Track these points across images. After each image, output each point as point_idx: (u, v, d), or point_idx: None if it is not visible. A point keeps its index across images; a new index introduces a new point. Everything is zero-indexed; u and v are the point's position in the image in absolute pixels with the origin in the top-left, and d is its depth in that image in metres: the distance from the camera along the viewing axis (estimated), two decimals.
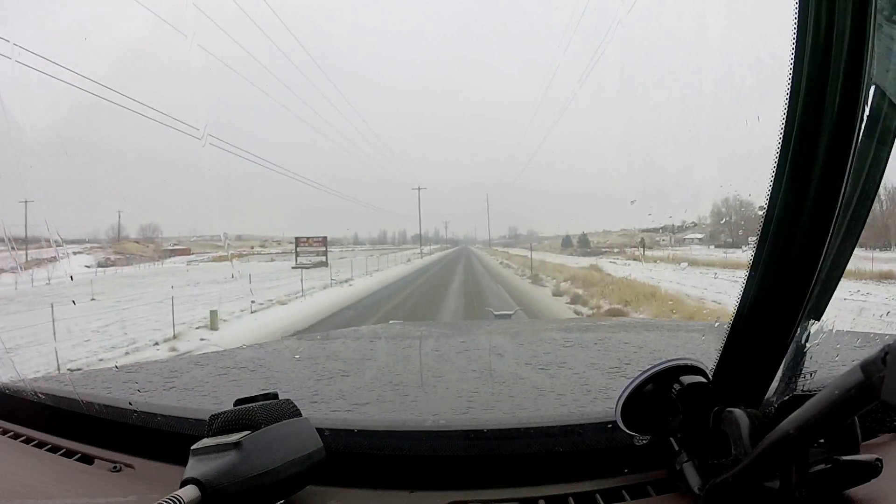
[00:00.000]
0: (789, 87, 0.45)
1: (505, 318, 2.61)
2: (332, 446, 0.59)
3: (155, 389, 0.96)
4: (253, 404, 0.56)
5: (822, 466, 0.48)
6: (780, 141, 0.46)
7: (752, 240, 0.50)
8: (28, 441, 0.76)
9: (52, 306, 6.35)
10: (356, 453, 0.62)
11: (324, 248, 26.60)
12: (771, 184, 0.48)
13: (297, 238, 26.78)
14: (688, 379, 0.55)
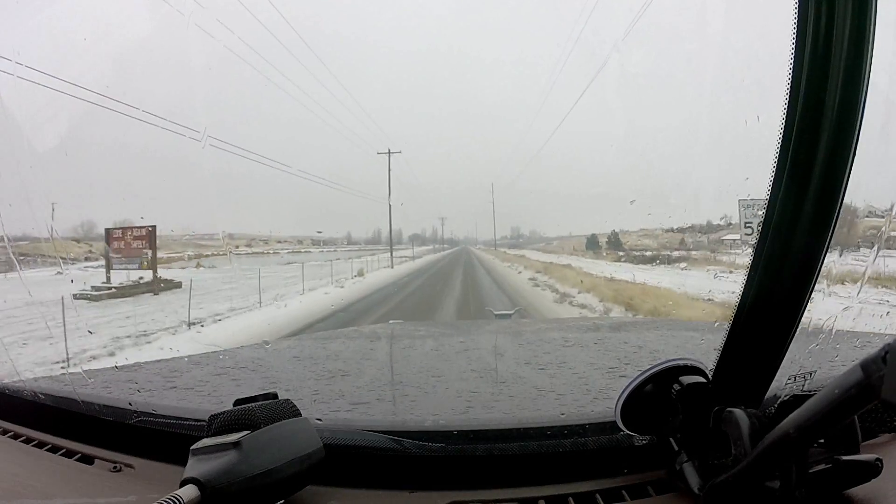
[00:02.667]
0: (791, 86, 0.45)
1: (505, 318, 2.61)
2: (332, 446, 0.59)
3: (155, 389, 0.96)
4: (253, 404, 0.56)
5: (822, 466, 0.48)
6: (780, 141, 0.47)
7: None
8: (28, 441, 0.76)
9: None
10: (356, 453, 0.62)
11: (149, 251, 11.93)
12: (771, 184, 0.48)
13: (107, 231, 12.10)
14: (688, 379, 0.55)
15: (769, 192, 0.48)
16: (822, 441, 0.49)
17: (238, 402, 0.57)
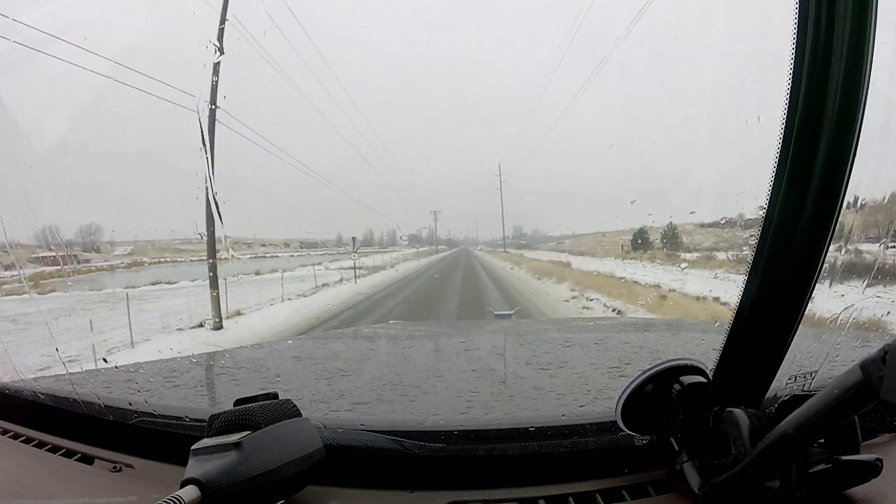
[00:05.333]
0: (791, 86, 0.45)
1: (505, 318, 2.61)
2: (333, 446, 0.59)
3: (155, 389, 0.96)
4: (253, 404, 0.56)
5: (822, 466, 0.48)
6: (781, 141, 0.47)
7: None
8: (28, 441, 0.76)
9: None
10: (356, 453, 0.62)
11: None
12: (771, 184, 0.48)
13: None
14: (688, 379, 0.55)
15: (769, 192, 0.48)
16: (822, 441, 0.49)
17: (238, 402, 0.57)
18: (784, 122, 0.46)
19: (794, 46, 0.45)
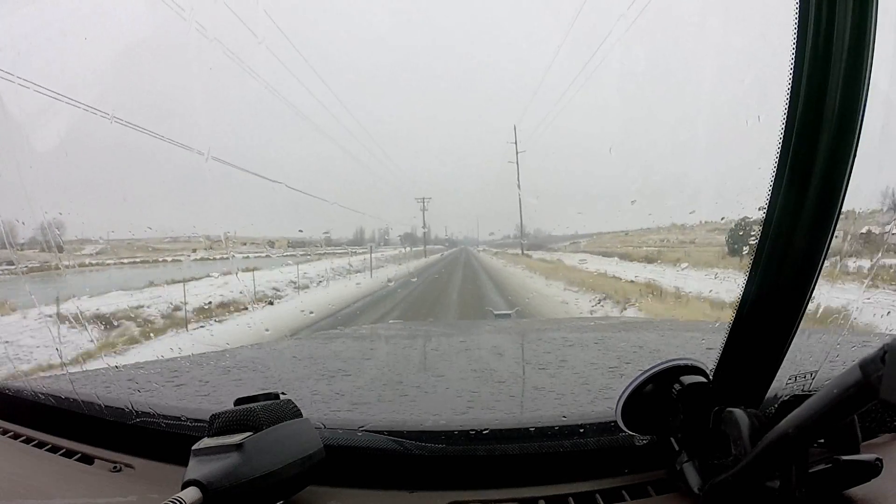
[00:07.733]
0: (791, 86, 0.45)
1: (505, 317, 2.61)
2: (333, 446, 0.59)
3: (155, 389, 0.96)
4: (254, 405, 0.56)
5: (822, 466, 0.48)
6: (781, 141, 0.47)
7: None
8: (28, 441, 0.76)
9: None
10: (356, 453, 0.62)
11: None
12: (771, 184, 0.48)
13: None
14: (688, 379, 0.55)
15: (769, 192, 0.48)
16: (822, 441, 0.49)
17: (239, 402, 0.57)
18: (784, 122, 0.46)
19: (794, 46, 0.45)
